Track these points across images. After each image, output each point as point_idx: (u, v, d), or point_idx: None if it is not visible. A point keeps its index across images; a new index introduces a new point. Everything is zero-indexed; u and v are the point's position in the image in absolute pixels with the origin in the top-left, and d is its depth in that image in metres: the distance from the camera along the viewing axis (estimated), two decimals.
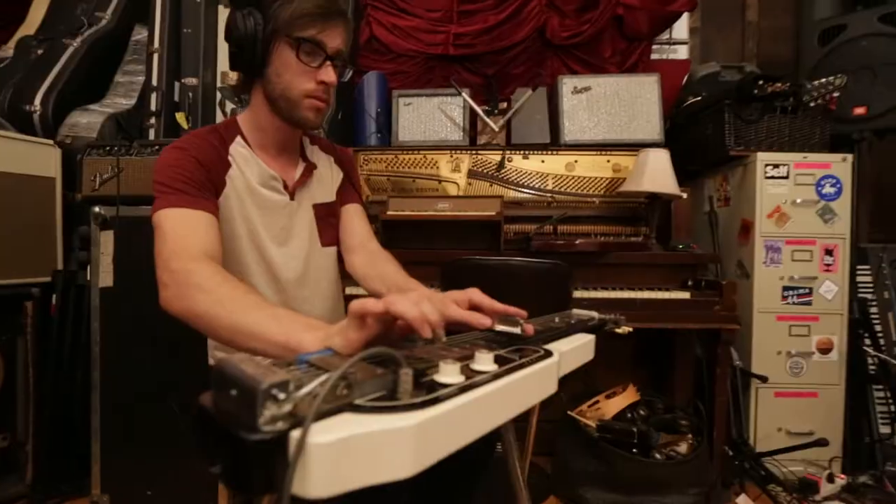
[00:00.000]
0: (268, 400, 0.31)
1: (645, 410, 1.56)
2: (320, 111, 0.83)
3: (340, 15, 0.81)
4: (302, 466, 0.29)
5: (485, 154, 1.98)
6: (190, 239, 0.71)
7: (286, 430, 0.30)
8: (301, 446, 0.29)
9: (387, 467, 0.32)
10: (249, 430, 0.30)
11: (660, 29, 2.18)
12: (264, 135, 0.88)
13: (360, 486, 0.31)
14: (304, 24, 0.77)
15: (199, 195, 0.76)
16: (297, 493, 0.30)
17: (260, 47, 0.78)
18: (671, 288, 1.59)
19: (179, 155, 0.78)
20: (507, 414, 0.44)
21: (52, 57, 1.85)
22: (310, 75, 0.80)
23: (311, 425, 0.31)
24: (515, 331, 0.65)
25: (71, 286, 1.52)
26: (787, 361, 1.70)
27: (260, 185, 0.86)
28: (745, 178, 1.78)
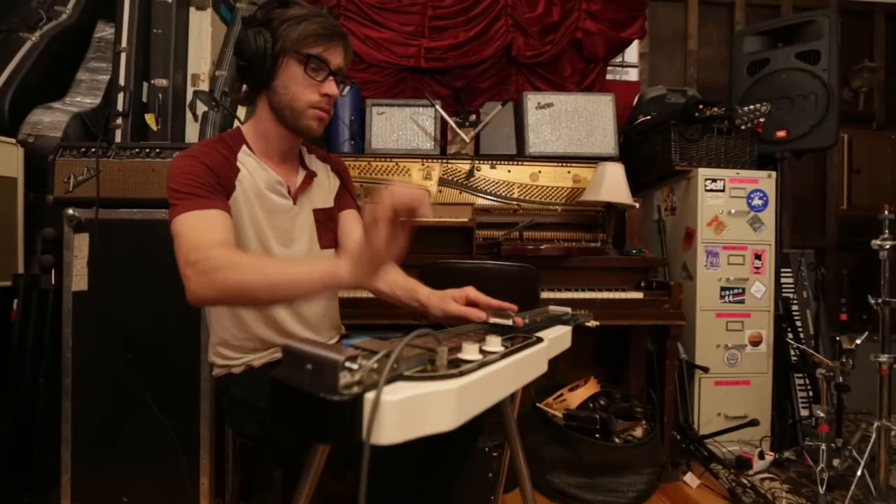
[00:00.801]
0: (344, 370, 0.38)
1: (605, 400, 1.71)
2: (322, 121, 0.91)
3: (342, 37, 0.90)
4: (377, 419, 0.37)
5: (455, 163, 2.08)
6: (205, 233, 0.76)
7: (360, 392, 0.38)
8: (376, 404, 0.37)
9: (436, 421, 0.40)
10: (331, 393, 0.37)
11: (614, 53, 2.39)
12: (268, 143, 0.93)
13: (417, 435, 0.39)
14: (311, 43, 0.85)
15: (210, 196, 0.81)
16: (374, 441, 0.37)
17: (269, 62, 0.85)
18: (626, 289, 1.76)
19: (190, 163, 0.83)
20: (514, 385, 0.54)
21: (8, 51, 1.76)
22: (314, 88, 0.87)
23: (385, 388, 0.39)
24: (507, 322, 0.76)
25: (33, 291, 1.46)
26: (724, 354, 1.92)
27: (267, 189, 0.92)
28: (689, 191, 1.99)
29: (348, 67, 0.92)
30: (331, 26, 0.87)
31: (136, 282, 1.31)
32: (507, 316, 0.77)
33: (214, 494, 1.31)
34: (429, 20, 2.22)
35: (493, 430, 1.99)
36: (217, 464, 1.32)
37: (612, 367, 2.07)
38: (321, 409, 0.37)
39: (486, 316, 0.80)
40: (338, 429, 0.37)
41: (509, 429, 0.78)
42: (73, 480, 1.30)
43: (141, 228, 1.31)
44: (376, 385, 0.39)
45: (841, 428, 1.78)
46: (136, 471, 1.30)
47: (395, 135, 2.18)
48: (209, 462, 1.29)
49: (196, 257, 0.71)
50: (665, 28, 2.66)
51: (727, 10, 2.73)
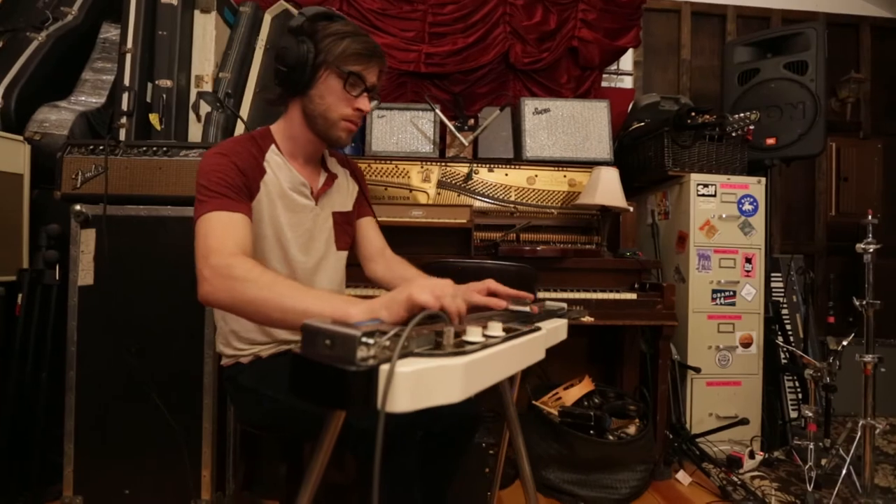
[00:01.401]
0: (361, 344, 0.42)
1: (599, 399, 1.74)
2: (351, 133, 0.96)
3: (380, 57, 0.95)
4: (392, 389, 0.40)
5: (453, 166, 2.12)
6: (228, 238, 0.78)
7: (376, 365, 0.41)
8: (391, 374, 0.40)
9: (445, 393, 0.44)
10: (349, 364, 0.41)
11: (609, 61, 2.45)
12: (295, 144, 0.98)
13: (428, 405, 0.43)
14: (352, 61, 0.90)
15: (237, 199, 0.84)
16: (388, 409, 0.40)
17: (309, 71, 0.89)
18: (620, 290, 1.80)
19: (222, 161, 0.86)
20: (514, 366, 0.57)
21: (15, 50, 1.79)
22: (349, 102, 0.92)
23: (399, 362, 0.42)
24: (525, 309, 0.85)
25: (38, 285, 1.48)
26: (716, 355, 1.96)
27: (291, 189, 0.96)
28: (681, 195, 2.04)
29: (381, 85, 0.98)
30: (372, 47, 0.92)
31: (141, 277, 1.33)
32: (525, 303, 0.85)
33: (216, 487, 1.33)
34: (429, 26, 2.28)
35: (491, 427, 2.02)
36: (219, 457, 1.34)
37: (606, 367, 2.11)
38: (340, 379, 0.40)
39: (505, 304, 0.86)
40: (356, 397, 0.40)
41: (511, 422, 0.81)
42: (76, 473, 1.32)
43: (147, 225, 1.34)
44: (390, 359, 0.42)
45: (829, 428, 1.83)
46: (138, 463, 1.32)
47: (395, 137, 2.22)
48: (211, 455, 1.31)
49: (217, 262, 0.74)
50: (659, 38, 2.73)
51: (719, 21, 2.81)
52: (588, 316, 1.15)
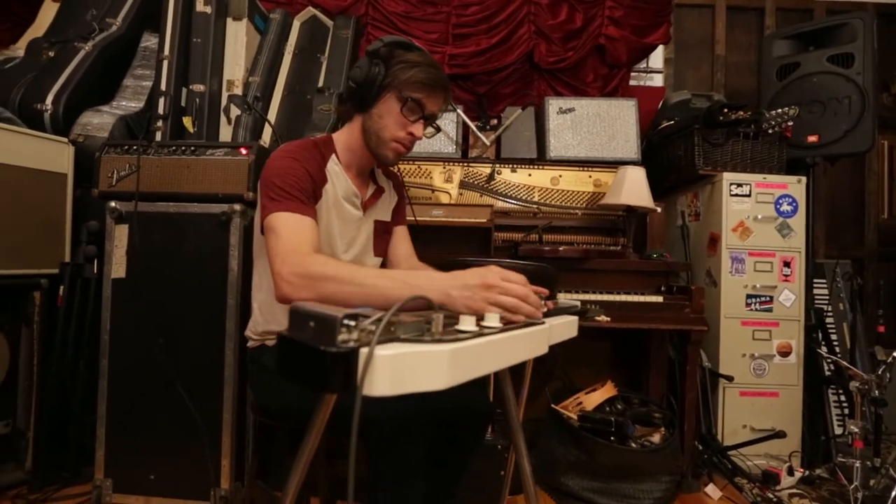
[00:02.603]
0: (342, 326, 0.41)
1: (621, 405, 1.68)
2: (399, 154, 0.99)
3: (444, 89, 0.98)
4: (370, 372, 0.40)
5: (476, 166, 2.11)
6: (302, 239, 0.82)
7: (356, 347, 0.41)
8: (370, 356, 0.40)
9: (428, 379, 0.43)
10: (329, 345, 0.41)
11: (637, 58, 2.38)
12: (353, 156, 1.03)
13: (411, 390, 0.42)
14: (415, 88, 0.94)
15: (308, 203, 0.89)
16: (366, 392, 0.40)
17: (374, 91, 0.94)
18: (646, 292, 1.73)
19: (294, 165, 0.91)
20: (510, 358, 0.56)
21: (64, 59, 1.92)
22: (403, 126, 0.96)
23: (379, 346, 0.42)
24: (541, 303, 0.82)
25: (77, 279, 1.57)
26: (750, 363, 1.86)
27: (344, 199, 1.01)
28: (713, 196, 1.95)
29: (441, 114, 1.02)
30: (436, 78, 0.95)
31: (169, 271, 1.39)
32: (540, 298, 0.84)
33: (234, 477, 1.36)
34: (452, 28, 2.28)
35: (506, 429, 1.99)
36: (238, 447, 1.37)
37: (631, 373, 2.03)
38: (322, 360, 0.40)
39: None
40: (335, 378, 0.40)
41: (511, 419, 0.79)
42: (107, 457, 1.38)
43: (175, 221, 1.39)
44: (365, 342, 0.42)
45: (878, 445, 1.69)
46: (163, 450, 1.37)
47: None
48: (231, 445, 1.35)
49: (294, 261, 0.77)
50: (691, 33, 2.63)
51: (756, 15, 2.68)
52: (606, 317, 1.11)
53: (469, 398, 0.97)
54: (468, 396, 0.97)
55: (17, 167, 1.51)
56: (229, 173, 1.38)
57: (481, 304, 0.66)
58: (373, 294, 0.72)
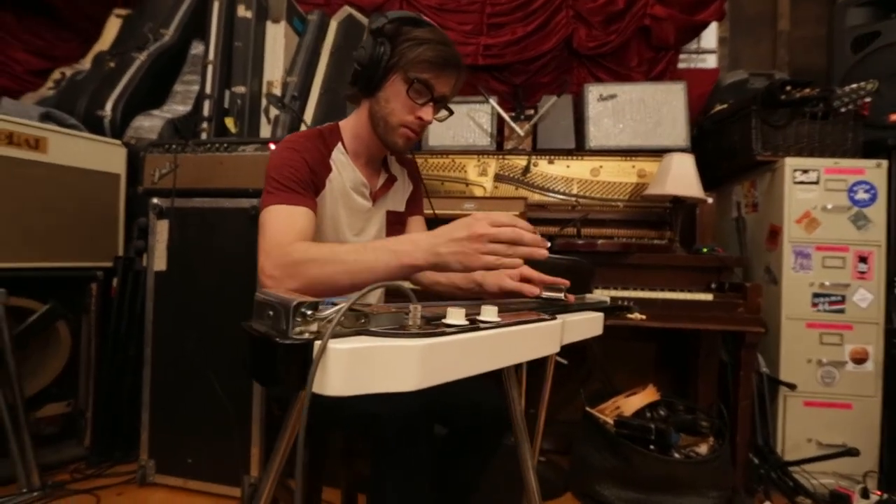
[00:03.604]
0: (297, 315, 0.39)
1: (665, 410, 1.56)
2: (410, 140, 0.93)
3: (456, 68, 0.89)
4: (322, 367, 0.37)
5: (511, 159, 2.04)
6: (287, 229, 0.79)
7: (311, 339, 0.38)
8: (322, 349, 0.37)
9: (394, 378, 0.39)
10: (282, 337, 0.38)
11: (686, 39, 2.20)
12: (360, 143, 0.97)
13: (369, 391, 0.38)
14: (422, 68, 0.86)
15: (303, 193, 0.85)
16: (317, 391, 0.37)
17: (380, 73, 0.88)
18: (694, 290, 1.59)
19: (292, 155, 0.87)
20: (504, 358, 0.50)
21: (122, 69, 2.06)
22: (411, 110, 0.89)
23: (333, 339, 0.39)
24: (559, 296, 0.79)
25: (129, 271, 1.68)
26: (818, 370, 1.66)
27: (352, 189, 0.96)
28: (773, 184, 1.76)
29: (453, 97, 0.94)
30: (446, 56, 0.87)
31: (204, 264, 1.45)
32: (559, 290, 0.80)
33: (264, 465, 1.40)
34: (487, 17, 2.22)
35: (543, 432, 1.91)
36: (267, 438, 1.41)
37: (678, 377, 1.89)
38: (274, 353, 0.38)
39: (539, 291, 0.81)
40: (287, 374, 0.37)
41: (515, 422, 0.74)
42: (150, 439, 1.47)
43: (210, 216, 1.45)
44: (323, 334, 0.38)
45: None
46: (199, 436, 1.43)
47: (451, 132, 2.19)
48: (259, 435, 1.38)
49: (276, 252, 0.74)
50: (749, 9, 2.40)
51: None
52: (641, 315, 1.01)
53: (483, 394, 0.92)
54: (482, 393, 0.91)
55: (78, 169, 1.64)
56: (259, 168, 1.41)
57: (475, 258, 0.62)
58: (357, 269, 0.68)
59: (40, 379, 1.60)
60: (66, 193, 1.59)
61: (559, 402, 1.97)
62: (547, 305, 0.76)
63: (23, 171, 1.50)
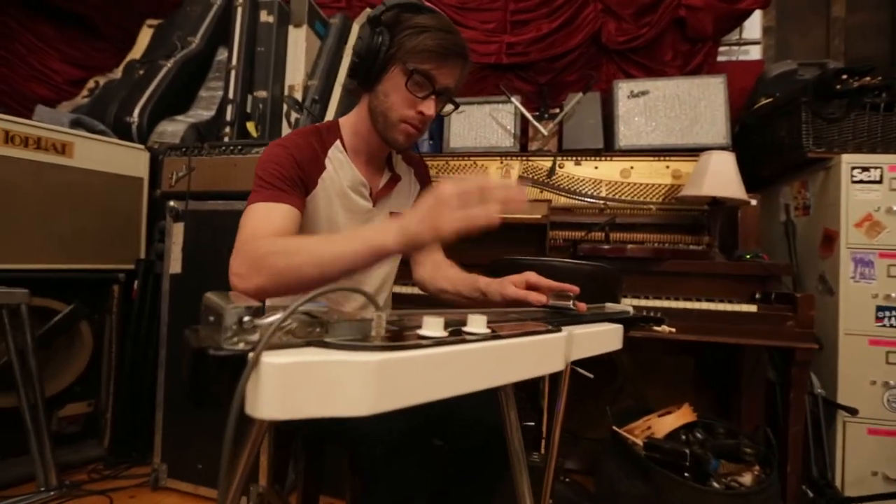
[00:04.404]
0: (234, 322, 0.32)
1: (702, 434, 1.41)
2: (411, 137, 0.86)
3: (459, 56, 0.83)
4: (254, 385, 0.30)
5: (535, 160, 1.95)
6: (263, 227, 0.75)
7: (246, 351, 0.31)
8: (252, 363, 0.30)
9: (344, 401, 0.32)
10: (215, 348, 0.32)
11: (727, 29, 2.05)
12: (360, 140, 0.91)
13: (315, 416, 0.31)
14: (422, 58, 0.80)
15: (288, 190, 0.80)
16: (249, 413, 0.30)
17: (378, 66, 0.82)
18: (735, 300, 1.45)
19: (280, 152, 0.83)
20: (489, 378, 0.42)
21: (150, 76, 2.11)
22: (412, 103, 0.83)
23: (274, 351, 0.32)
24: (568, 304, 0.72)
25: (150, 274, 1.70)
26: (884, 393, 1.47)
27: (350, 188, 0.90)
28: (828, 184, 1.59)
29: (458, 88, 0.87)
30: (448, 45, 0.81)
31: (218, 267, 1.42)
32: (567, 298, 0.73)
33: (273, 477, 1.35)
34: (510, 15, 2.15)
35: (566, 450, 1.78)
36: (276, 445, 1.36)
37: (718, 397, 1.73)
38: (205, 367, 0.32)
39: (546, 299, 0.76)
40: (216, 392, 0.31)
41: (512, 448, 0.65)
42: (163, 442, 1.46)
43: (224, 218, 1.44)
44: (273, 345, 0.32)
45: None
46: (210, 442, 1.41)
47: (473, 133, 2.13)
48: (268, 445, 1.34)
49: (246, 248, 0.70)
50: None
51: None
52: (670, 328, 0.90)
53: (485, 410, 0.83)
54: (484, 407, 0.83)
55: (103, 172, 1.67)
56: None
57: (443, 221, 0.57)
58: (325, 258, 0.63)
59: (63, 378, 1.63)
60: (90, 197, 1.63)
61: (587, 418, 1.84)
62: (555, 315, 0.67)
63: (49, 174, 1.53)
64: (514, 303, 0.78)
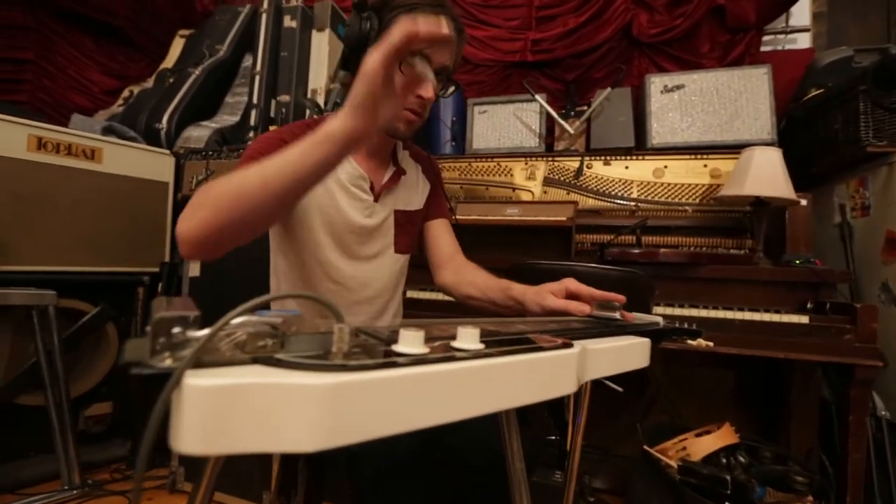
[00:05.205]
0: (161, 334, 0.27)
1: (746, 458, 1.28)
2: (412, 124, 0.82)
3: (453, 31, 0.78)
4: (176, 415, 0.25)
5: (562, 160, 1.87)
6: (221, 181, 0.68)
7: (171, 369, 0.26)
8: (172, 384, 0.25)
9: (284, 433, 0.26)
10: (139, 365, 0.27)
11: (771, 17, 1.90)
12: None
13: (249, 451, 0.26)
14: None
15: None
16: (172, 447, 0.25)
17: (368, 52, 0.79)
18: (783, 310, 1.31)
19: (270, 136, 0.81)
20: (479, 405, 0.36)
21: (179, 84, 2.16)
22: (409, 89, 0.77)
23: (205, 370, 0.27)
24: (614, 315, 0.65)
25: (174, 276, 1.72)
26: None
27: (349, 182, 0.87)
28: (891, 181, 1.43)
29: (456, 66, 0.82)
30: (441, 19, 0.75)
31: (234, 270, 1.42)
32: (614, 308, 0.66)
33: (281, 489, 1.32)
34: (535, 11, 2.08)
35: (594, 468, 1.67)
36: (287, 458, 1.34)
37: (763, 416, 1.58)
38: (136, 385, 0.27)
39: (589, 309, 0.68)
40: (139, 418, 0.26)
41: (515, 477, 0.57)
42: None
43: None
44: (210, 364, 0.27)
45: None
46: None
47: (497, 133, 2.06)
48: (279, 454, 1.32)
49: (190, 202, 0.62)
50: None
51: None
52: (708, 342, 0.80)
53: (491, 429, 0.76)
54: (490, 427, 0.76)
55: (132, 177, 1.71)
56: None
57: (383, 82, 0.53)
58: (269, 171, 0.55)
59: (90, 378, 1.66)
60: (118, 201, 1.66)
61: (616, 432, 1.73)
62: (599, 326, 0.60)
63: (79, 179, 1.58)
64: (554, 312, 0.71)
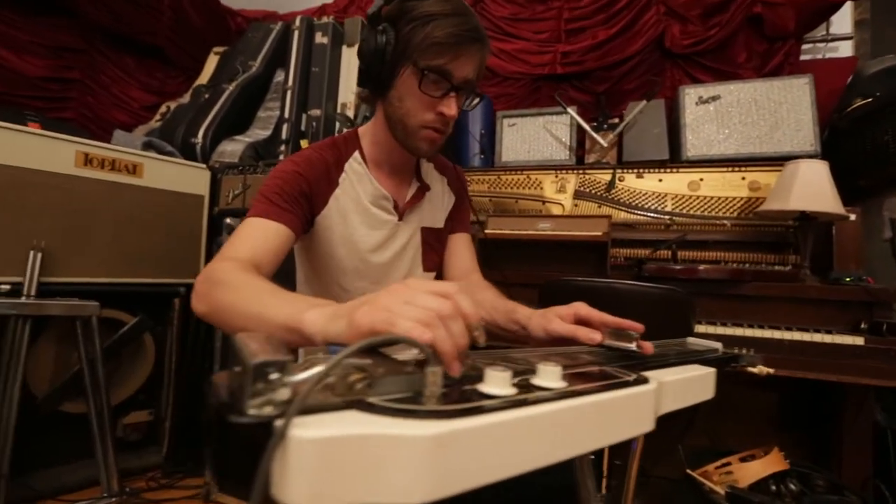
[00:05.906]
0: (259, 380, 0.27)
1: (797, 485, 1.22)
2: (435, 142, 0.79)
3: (476, 41, 0.74)
4: (281, 465, 0.24)
5: (593, 173, 1.85)
6: (246, 244, 0.69)
7: (273, 417, 0.26)
8: (280, 437, 0.24)
9: (392, 484, 0.25)
10: (236, 413, 0.26)
11: (811, 25, 1.84)
12: (380, 151, 0.85)
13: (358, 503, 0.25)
14: (433, 53, 0.71)
15: (285, 207, 0.74)
16: (275, 496, 0.24)
17: (386, 69, 0.74)
18: (834, 330, 1.26)
19: (288, 167, 0.78)
20: (570, 448, 0.34)
21: (214, 99, 2.22)
22: (431, 105, 0.75)
23: (307, 418, 0.26)
24: (630, 346, 0.56)
25: None
26: None
27: (371, 203, 0.84)
28: None
29: (480, 77, 0.78)
30: (460, 31, 0.71)
31: None
32: (630, 338, 0.57)
33: None
34: (564, 24, 2.07)
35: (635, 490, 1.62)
36: None
37: (811, 440, 1.50)
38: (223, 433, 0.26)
39: (600, 337, 0.61)
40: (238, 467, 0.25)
41: None
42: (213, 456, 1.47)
43: None
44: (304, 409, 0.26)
45: None
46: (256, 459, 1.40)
47: (526, 146, 2.05)
48: None
49: (213, 265, 0.64)
50: None
51: None
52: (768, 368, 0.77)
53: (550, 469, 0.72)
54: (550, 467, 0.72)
55: (170, 191, 1.75)
56: None
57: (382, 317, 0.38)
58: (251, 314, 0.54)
59: (128, 387, 1.70)
60: (156, 214, 1.71)
61: (653, 452, 1.67)
62: (613, 358, 0.54)
63: (122, 193, 1.63)
64: (559, 340, 0.65)
